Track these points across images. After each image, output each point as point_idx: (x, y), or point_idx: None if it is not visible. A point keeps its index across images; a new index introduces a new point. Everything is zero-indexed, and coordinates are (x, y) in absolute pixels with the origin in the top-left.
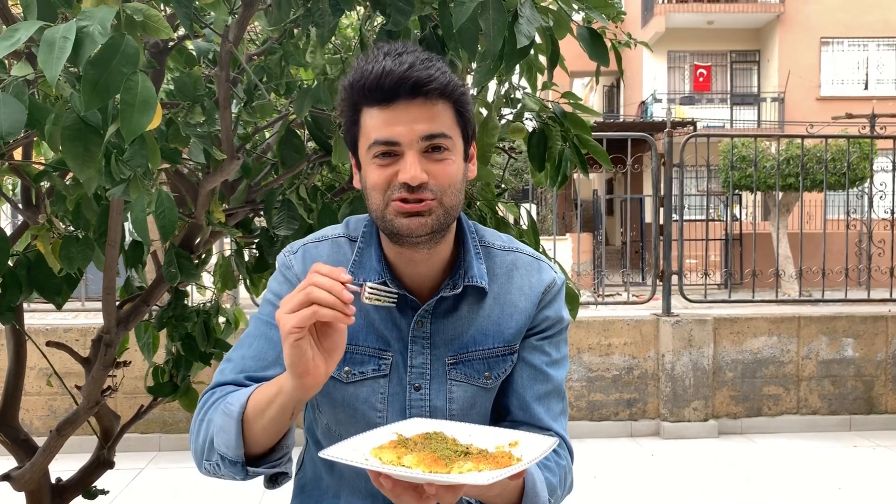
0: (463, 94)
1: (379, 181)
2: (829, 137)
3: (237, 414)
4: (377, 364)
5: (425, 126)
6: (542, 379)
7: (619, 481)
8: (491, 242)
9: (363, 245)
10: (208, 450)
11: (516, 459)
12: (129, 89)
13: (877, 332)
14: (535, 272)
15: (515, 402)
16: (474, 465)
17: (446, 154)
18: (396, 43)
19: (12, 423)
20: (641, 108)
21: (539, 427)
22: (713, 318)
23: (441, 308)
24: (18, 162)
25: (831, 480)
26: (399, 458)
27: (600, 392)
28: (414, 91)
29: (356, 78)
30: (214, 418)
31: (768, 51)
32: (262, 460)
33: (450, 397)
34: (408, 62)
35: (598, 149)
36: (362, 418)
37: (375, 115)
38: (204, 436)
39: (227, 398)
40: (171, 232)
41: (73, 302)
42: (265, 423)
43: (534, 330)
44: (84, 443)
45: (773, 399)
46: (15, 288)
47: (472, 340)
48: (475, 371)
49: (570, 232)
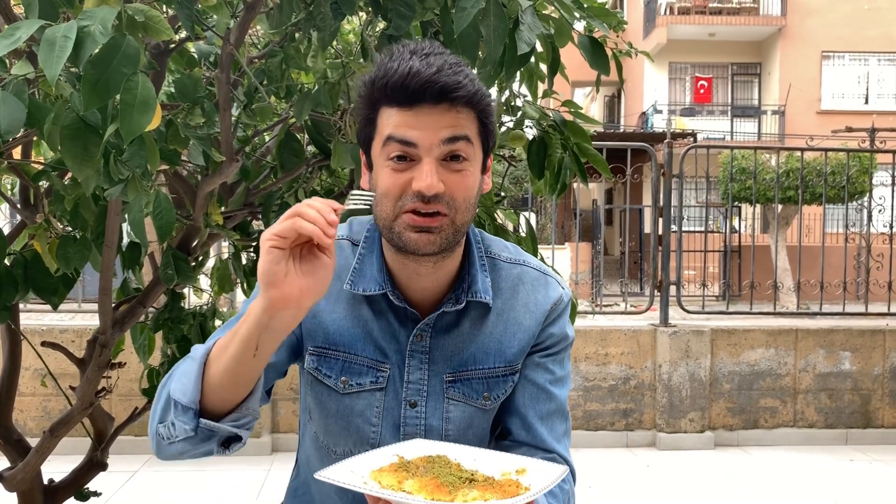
0: (489, 105)
1: (391, 188)
2: (829, 151)
3: (201, 356)
4: (374, 376)
5: (448, 131)
6: (546, 398)
7: (614, 492)
8: (497, 254)
9: (365, 251)
10: (163, 409)
11: (524, 488)
12: (129, 89)
13: (874, 346)
14: (541, 288)
15: (518, 421)
16: (479, 494)
17: (465, 164)
18: (424, 42)
19: (6, 423)
20: (642, 119)
21: (542, 449)
22: (710, 329)
23: (442, 322)
24: (17, 161)
25: (827, 494)
26: (400, 482)
27: (597, 402)
28: (440, 96)
29: (379, 75)
30: (175, 372)
31: (769, 64)
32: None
33: (446, 416)
34: (436, 65)
35: (598, 157)
36: (355, 431)
37: (395, 116)
38: (163, 396)
39: (189, 355)
40: (168, 233)
41: (69, 303)
42: (227, 360)
43: (537, 347)
44: (77, 444)
45: (770, 411)
46: (11, 287)
47: (472, 358)
48: (474, 391)
49: (569, 241)
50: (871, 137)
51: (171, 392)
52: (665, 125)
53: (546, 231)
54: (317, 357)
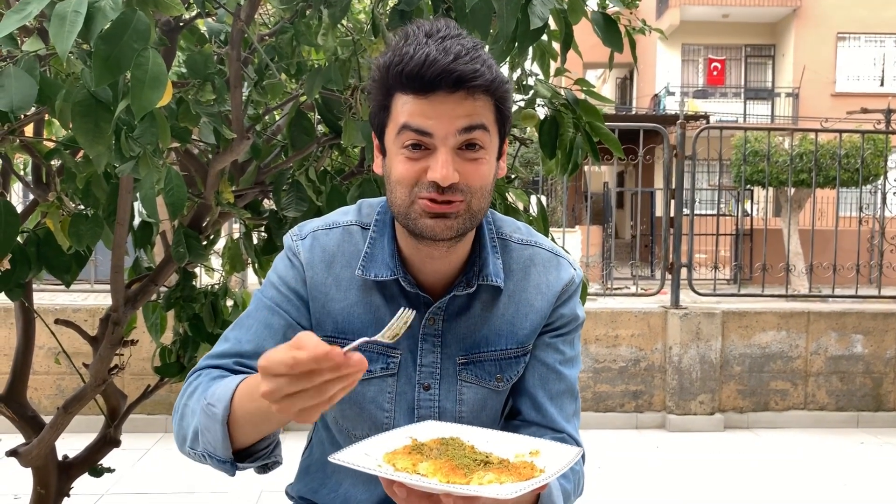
0: (506, 91)
1: (406, 176)
2: (844, 132)
3: (221, 417)
4: (385, 362)
5: (464, 120)
6: (556, 378)
7: (623, 472)
8: (509, 235)
9: (376, 235)
10: (192, 439)
11: (539, 471)
12: (139, 65)
13: (887, 329)
14: (553, 269)
15: (528, 401)
16: (495, 477)
17: (480, 153)
18: (440, 22)
19: (20, 399)
20: (654, 101)
21: (552, 429)
22: (722, 311)
23: (454, 306)
24: (30, 138)
25: (837, 476)
26: (414, 465)
27: (606, 383)
28: (456, 84)
29: (394, 61)
30: (198, 412)
31: (784, 45)
32: (250, 453)
33: (460, 398)
34: (453, 52)
35: (611, 136)
36: (369, 417)
37: (410, 103)
38: (188, 424)
39: (209, 393)
40: (179, 209)
41: (82, 283)
42: (250, 428)
43: (548, 327)
44: (91, 422)
45: (781, 394)
46: (24, 264)
47: (484, 340)
48: (486, 373)
49: (579, 224)
50: (886, 119)
51: (204, 446)
52: (678, 107)
53: (557, 214)
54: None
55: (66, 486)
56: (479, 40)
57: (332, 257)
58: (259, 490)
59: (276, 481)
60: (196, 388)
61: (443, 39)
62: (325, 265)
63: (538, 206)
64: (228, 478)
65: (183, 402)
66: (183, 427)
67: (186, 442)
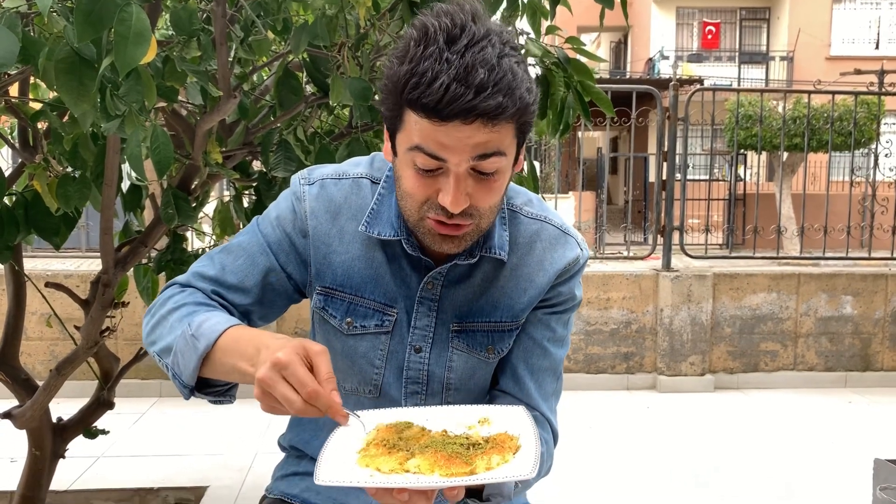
0: (531, 116)
1: (416, 193)
2: (837, 93)
3: (201, 352)
4: (380, 319)
5: (481, 148)
6: (540, 353)
7: (614, 432)
8: (520, 207)
9: (384, 192)
10: (162, 350)
11: (513, 438)
12: (122, 21)
13: (876, 290)
14: (559, 247)
15: (508, 372)
16: (501, 458)
17: (495, 175)
18: (457, 16)
19: (12, 362)
20: (648, 66)
21: (527, 405)
22: (713, 273)
23: (454, 273)
24: (15, 98)
25: (825, 434)
26: (401, 463)
27: (598, 345)
28: (476, 118)
29: (408, 79)
30: (177, 334)
31: (779, 8)
32: (209, 384)
33: (449, 365)
34: (474, 85)
35: (602, 96)
36: (359, 372)
37: (424, 127)
38: (162, 335)
39: (195, 322)
40: (166, 167)
41: (73, 251)
42: (220, 373)
43: (543, 303)
44: (85, 387)
45: (771, 355)
46: (12, 227)
47: (480, 310)
48: (478, 343)
49: (572, 190)
50: (879, 80)
51: (172, 365)
52: (671, 71)
53: (550, 180)
54: (324, 297)
55: (61, 447)
56: (509, 37)
57: (338, 208)
58: (254, 452)
59: (270, 444)
60: (179, 306)
61: (465, 50)
62: (331, 216)
63: (528, 165)
64: (223, 440)
65: (161, 311)
66: (155, 333)
67: (154, 347)
